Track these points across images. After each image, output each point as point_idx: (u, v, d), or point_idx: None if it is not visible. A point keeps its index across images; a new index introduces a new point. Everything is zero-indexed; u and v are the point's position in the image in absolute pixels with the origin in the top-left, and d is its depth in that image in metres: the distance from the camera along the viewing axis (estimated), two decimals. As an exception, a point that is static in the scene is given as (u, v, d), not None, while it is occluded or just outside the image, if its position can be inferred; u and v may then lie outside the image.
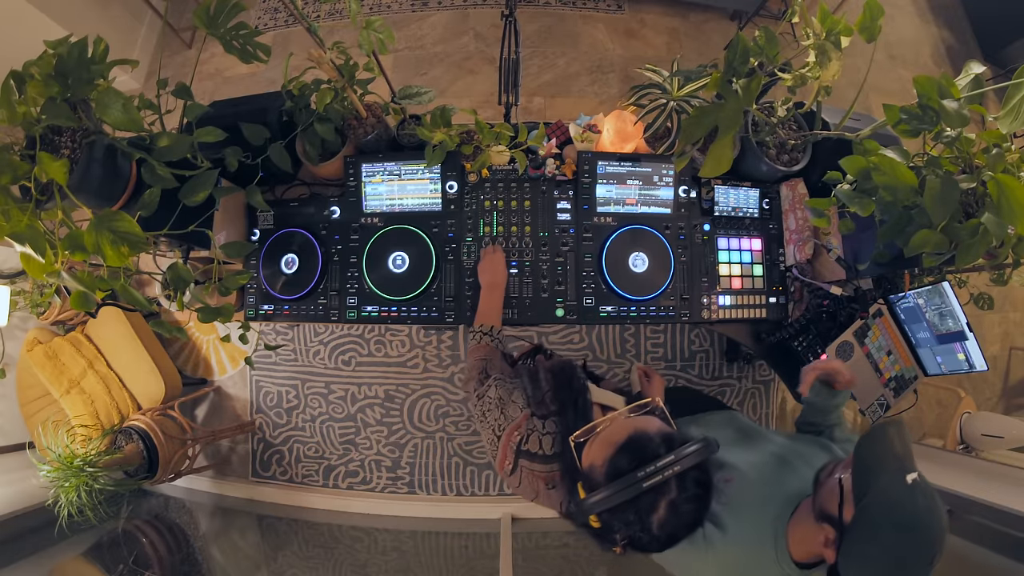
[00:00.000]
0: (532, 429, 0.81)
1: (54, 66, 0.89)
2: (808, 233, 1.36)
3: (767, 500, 0.86)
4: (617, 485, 0.65)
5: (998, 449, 2.21)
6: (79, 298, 0.86)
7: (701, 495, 0.67)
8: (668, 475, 0.64)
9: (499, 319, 1.17)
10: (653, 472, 0.64)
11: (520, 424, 0.83)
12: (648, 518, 0.65)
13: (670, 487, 0.65)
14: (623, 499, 0.65)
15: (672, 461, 0.64)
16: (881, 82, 2.98)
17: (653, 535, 0.66)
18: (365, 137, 1.33)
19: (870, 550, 0.66)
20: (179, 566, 2.00)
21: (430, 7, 2.84)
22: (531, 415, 0.83)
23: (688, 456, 0.65)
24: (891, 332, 1.36)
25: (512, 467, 0.82)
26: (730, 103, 0.94)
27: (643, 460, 0.65)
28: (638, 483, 0.64)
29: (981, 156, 0.94)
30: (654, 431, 0.70)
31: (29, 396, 2.25)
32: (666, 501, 0.64)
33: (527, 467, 0.81)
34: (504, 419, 0.85)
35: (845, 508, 0.71)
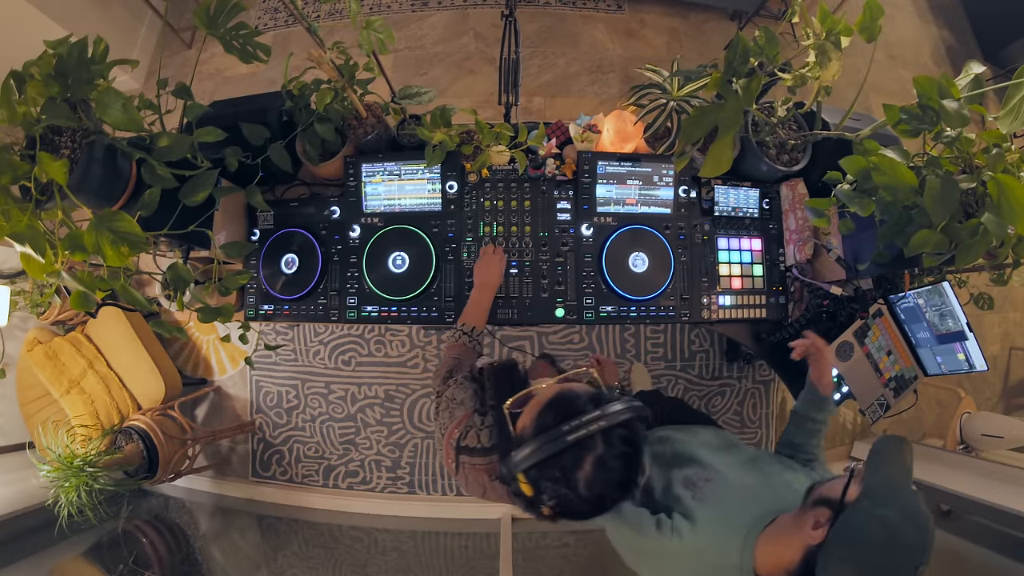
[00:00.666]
0: (471, 426, 0.82)
1: (54, 66, 0.89)
2: (808, 233, 1.36)
3: (744, 506, 0.86)
4: (542, 439, 0.65)
5: (998, 449, 2.21)
6: (79, 298, 0.86)
7: (629, 453, 0.66)
8: (593, 429, 0.64)
9: (483, 321, 1.16)
10: (577, 426, 0.64)
11: (460, 422, 0.84)
12: (574, 474, 0.64)
13: (595, 442, 0.64)
14: (547, 453, 0.64)
15: (597, 416, 0.64)
16: (881, 82, 2.98)
17: (580, 495, 0.65)
18: (365, 137, 1.33)
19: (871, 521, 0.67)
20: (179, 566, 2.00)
21: (430, 7, 2.84)
22: (472, 413, 0.84)
23: (614, 413, 0.65)
24: (891, 332, 1.36)
25: (455, 465, 0.83)
26: (730, 103, 0.94)
27: (568, 415, 0.65)
28: (562, 436, 0.64)
29: (981, 156, 0.94)
30: (581, 390, 0.70)
31: (29, 396, 2.25)
32: (592, 457, 0.64)
33: (468, 462, 0.81)
34: (450, 419, 0.86)
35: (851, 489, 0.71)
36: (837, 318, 1.35)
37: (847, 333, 1.32)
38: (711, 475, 0.93)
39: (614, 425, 0.65)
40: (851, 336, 1.32)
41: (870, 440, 2.53)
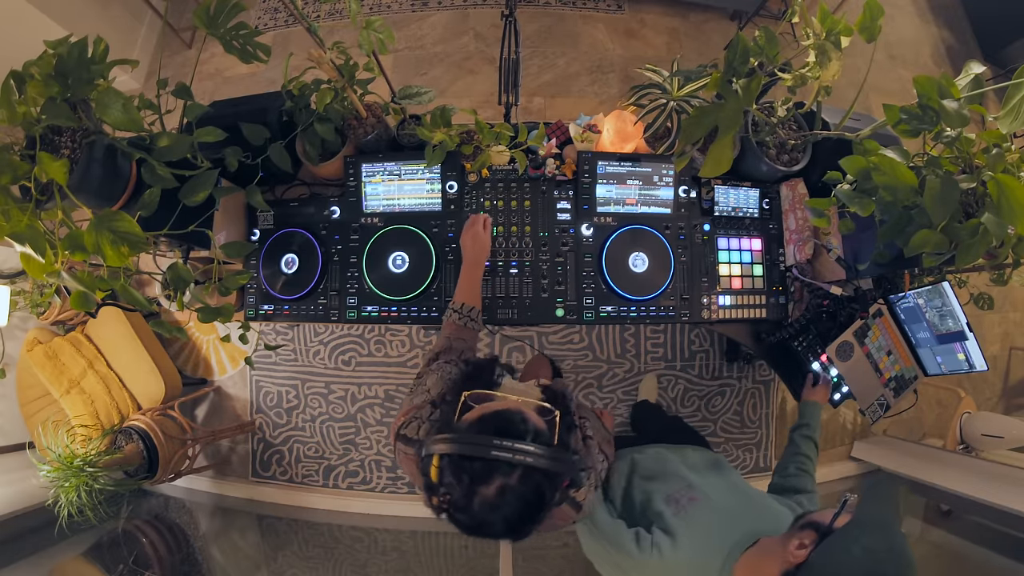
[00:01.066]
0: (417, 416, 0.82)
1: (54, 66, 0.89)
2: (808, 233, 1.36)
3: (726, 526, 0.85)
4: (470, 437, 0.64)
5: (998, 449, 2.22)
6: (79, 298, 0.86)
7: (532, 503, 0.64)
8: (518, 459, 0.62)
9: (477, 298, 1.12)
10: (508, 448, 0.62)
11: (410, 410, 0.84)
12: (475, 488, 0.63)
13: (513, 472, 0.63)
14: (466, 453, 0.63)
15: (531, 452, 0.63)
16: (881, 82, 2.98)
17: (470, 510, 0.63)
18: (365, 137, 1.33)
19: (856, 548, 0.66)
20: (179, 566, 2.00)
21: (430, 7, 2.84)
22: (427, 403, 0.83)
23: (548, 459, 0.64)
24: (891, 332, 1.36)
25: (393, 449, 0.83)
26: (730, 103, 0.94)
27: (507, 433, 0.64)
28: (488, 447, 0.62)
29: (981, 156, 0.94)
30: (534, 422, 0.68)
31: (29, 396, 2.25)
32: (500, 482, 0.62)
33: (402, 450, 0.81)
34: (409, 403, 0.87)
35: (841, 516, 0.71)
36: (837, 318, 1.35)
37: (847, 333, 1.32)
38: (695, 494, 0.92)
39: (537, 468, 0.64)
40: (851, 336, 1.32)
41: (870, 440, 2.53)
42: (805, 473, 1.16)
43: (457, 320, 1.07)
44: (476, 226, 1.19)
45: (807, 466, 1.17)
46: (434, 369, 0.92)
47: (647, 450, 1.12)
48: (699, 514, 0.88)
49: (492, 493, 0.62)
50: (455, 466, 0.64)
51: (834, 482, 2.40)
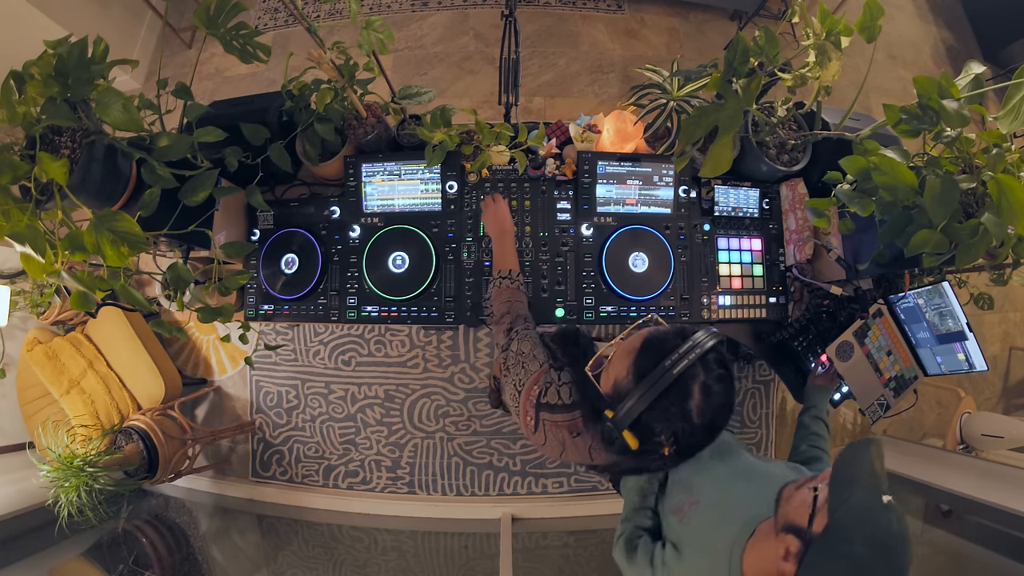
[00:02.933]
0: (550, 382, 0.83)
1: (54, 66, 0.89)
2: (808, 233, 1.36)
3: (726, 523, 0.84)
4: (648, 382, 0.67)
5: (998, 449, 2.21)
6: (79, 298, 0.86)
7: (724, 375, 0.69)
8: (693, 358, 0.66)
9: (516, 263, 1.15)
10: (679, 359, 0.66)
11: (538, 379, 0.85)
12: (686, 406, 0.66)
13: (697, 371, 0.66)
14: (657, 393, 0.66)
15: (691, 346, 0.67)
16: (881, 82, 2.98)
17: (695, 424, 0.67)
18: (365, 137, 1.33)
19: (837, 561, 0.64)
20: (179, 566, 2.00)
21: (430, 7, 2.84)
22: (549, 368, 0.85)
23: (703, 340, 0.68)
24: (891, 332, 1.36)
25: (535, 423, 0.83)
26: (730, 103, 0.94)
27: (664, 353, 0.67)
28: (668, 372, 0.65)
29: (981, 156, 0.94)
30: (663, 330, 0.72)
31: (29, 396, 2.25)
32: (698, 384, 0.66)
33: (549, 419, 0.82)
34: (525, 374, 0.87)
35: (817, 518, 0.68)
36: (837, 318, 1.35)
37: (847, 333, 1.32)
38: (695, 497, 0.92)
39: (706, 351, 0.67)
40: (851, 336, 1.32)
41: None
42: (818, 449, 1.14)
43: (509, 284, 1.09)
44: (491, 207, 1.22)
45: (820, 443, 1.15)
46: (520, 337, 0.93)
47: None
48: (699, 518, 0.88)
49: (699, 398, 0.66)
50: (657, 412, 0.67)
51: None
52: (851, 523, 0.64)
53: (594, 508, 2.35)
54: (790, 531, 0.70)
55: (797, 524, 0.70)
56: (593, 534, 2.29)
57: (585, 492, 2.40)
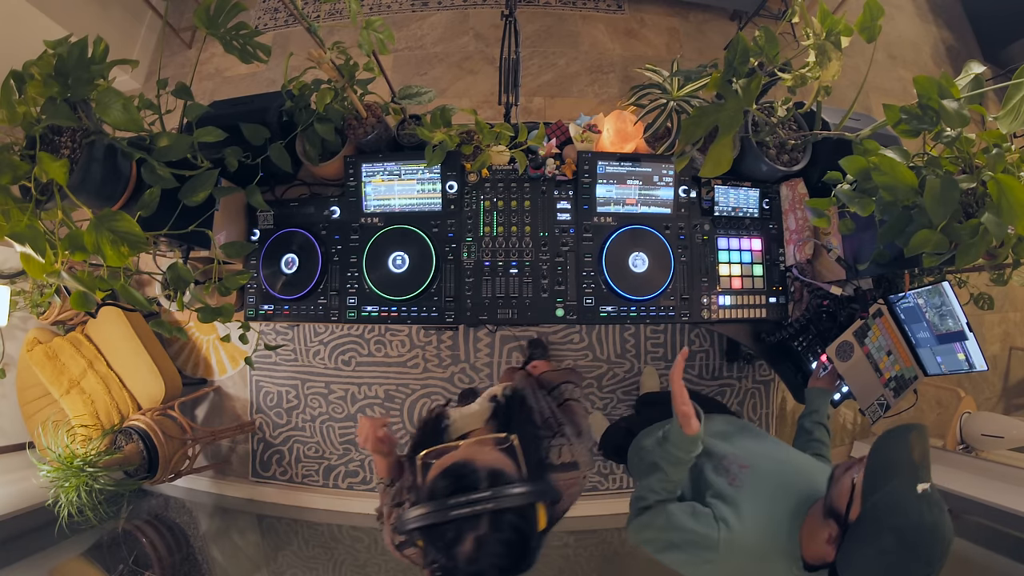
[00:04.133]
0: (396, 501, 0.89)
1: (54, 66, 0.89)
2: (808, 233, 1.36)
3: (785, 493, 0.85)
4: (428, 506, 0.64)
5: (998, 449, 2.22)
6: (79, 298, 0.86)
7: (514, 541, 0.64)
8: (478, 510, 0.62)
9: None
10: (463, 503, 0.63)
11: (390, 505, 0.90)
12: (454, 549, 0.63)
13: (480, 523, 0.63)
14: (431, 521, 0.64)
15: (487, 497, 0.63)
16: (881, 82, 2.98)
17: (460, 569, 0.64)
18: (365, 137, 1.33)
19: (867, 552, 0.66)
20: (179, 566, 2.00)
21: (430, 7, 2.84)
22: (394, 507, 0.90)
23: (507, 497, 0.64)
24: (891, 332, 1.36)
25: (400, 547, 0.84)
26: (730, 103, 0.94)
27: (459, 489, 0.64)
28: (446, 510, 0.63)
29: (981, 156, 0.94)
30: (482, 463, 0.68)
31: (29, 396, 2.25)
32: (473, 536, 0.63)
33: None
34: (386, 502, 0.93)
35: (853, 506, 0.70)
36: (837, 318, 1.35)
37: (847, 333, 1.32)
38: (744, 461, 0.92)
39: (501, 512, 0.64)
40: (851, 336, 1.32)
41: (870, 440, 2.53)
42: (821, 457, 1.15)
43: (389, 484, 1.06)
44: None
45: (822, 450, 1.16)
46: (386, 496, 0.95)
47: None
48: (755, 481, 0.87)
49: (470, 549, 0.63)
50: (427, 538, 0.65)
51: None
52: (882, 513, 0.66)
53: (594, 508, 2.35)
54: (832, 516, 0.73)
55: (837, 509, 0.73)
56: (593, 534, 2.29)
57: (585, 492, 2.39)
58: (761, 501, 0.84)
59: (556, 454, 0.82)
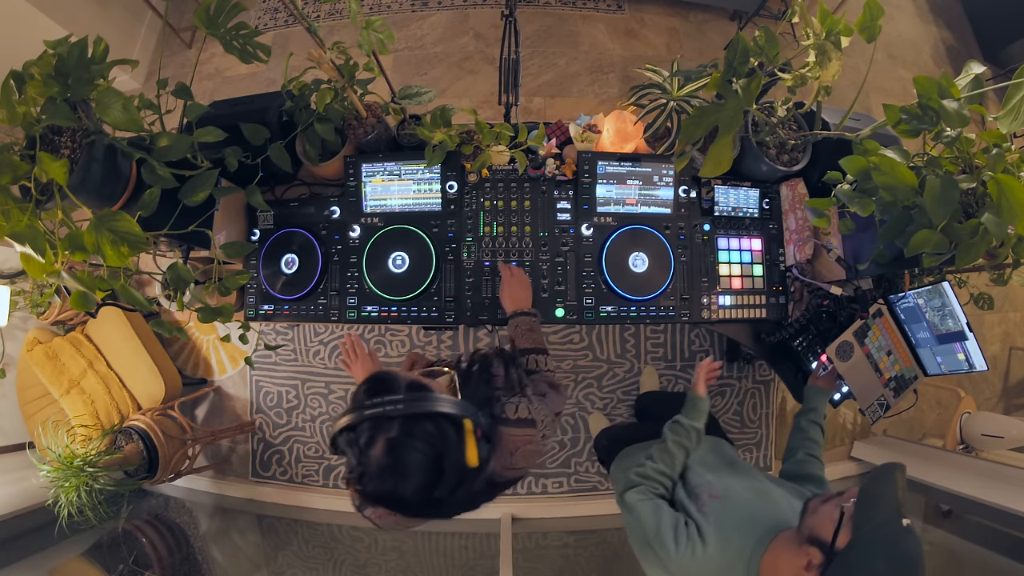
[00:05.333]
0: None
1: (54, 66, 0.89)
2: (808, 233, 1.36)
3: (750, 526, 0.86)
4: (349, 408, 0.65)
5: (998, 449, 2.22)
6: (79, 298, 0.86)
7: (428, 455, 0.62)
8: (390, 410, 0.62)
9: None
10: (377, 403, 0.63)
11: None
12: (366, 453, 0.62)
13: (391, 425, 0.62)
14: (348, 422, 0.64)
15: (399, 399, 0.63)
16: (881, 82, 2.98)
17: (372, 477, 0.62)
18: (365, 137, 1.33)
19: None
20: (179, 566, 2.00)
21: (430, 7, 2.84)
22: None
23: (420, 401, 0.64)
24: (891, 332, 1.36)
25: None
26: (730, 103, 0.94)
27: (376, 392, 0.65)
28: (361, 410, 0.63)
29: (981, 156, 0.94)
30: (406, 376, 0.68)
31: (29, 396, 2.25)
32: (385, 438, 0.62)
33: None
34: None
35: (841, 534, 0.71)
36: (837, 318, 1.35)
37: (847, 333, 1.32)
38: (715, 491, 0.95)
39: (418, 414, 0.63)
40: (851, 336, 1.32)
41: (870, 440, 2.53)
42: (814, 459, 1.16)
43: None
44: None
45: (815, 451, 1.18)
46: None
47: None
48: (721, 513, 0.89)
49: (380, 451, 0.62)
50: (346, 440, 0.64)
51: (835, 482, 2.40)
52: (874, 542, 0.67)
53: (594, 508, 2.35)
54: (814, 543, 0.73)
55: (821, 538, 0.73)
56: (593, 534, 2.29)
57: (585, 492, 2.40)
58: (725, 529, 0.86)
59: (512, 409, 0.80)
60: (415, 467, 0.62)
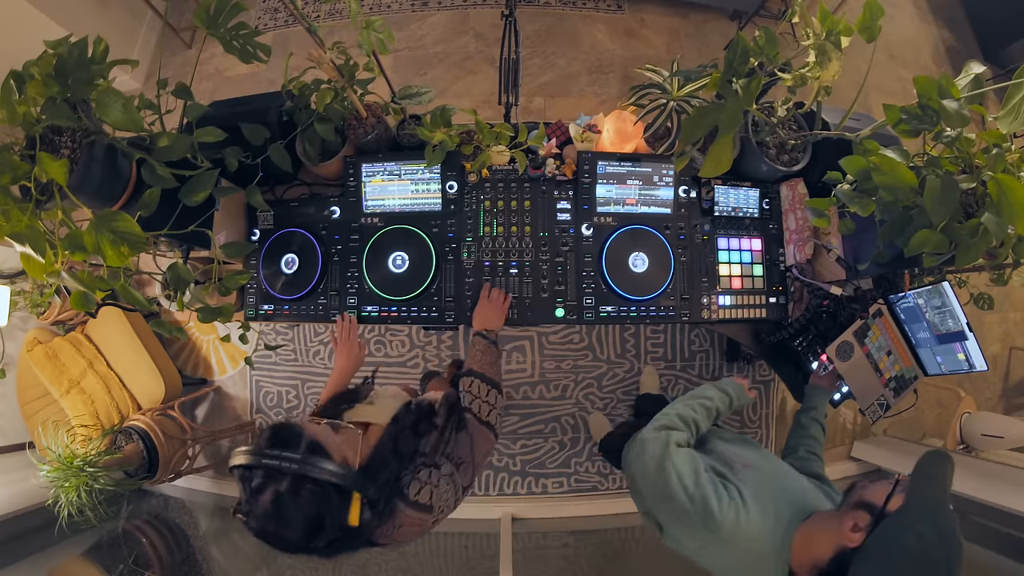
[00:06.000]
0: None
1: (54, 66, 0.89)
2: (808, 233, 1.36)
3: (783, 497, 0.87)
4: (249, 449, 0.68)
5: (998, 449, 2.21)
6: (79, 298, 0.86)
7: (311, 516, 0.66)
8: (284, 467, 0.66)
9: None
10: (274, 456, 0.67)
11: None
12: (257, 497, 0.66)
13: (282, 480, 0.66)
14: (242, 462, 0.68)
15: (295, 459, 0.66)
16: (881, 82, 2.98)
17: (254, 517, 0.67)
18: (365, 137, 1.33)
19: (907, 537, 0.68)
20: (179, 566, 2.00)
21: (430, 7, 2.84)
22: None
23: (314, 467, 0.66)
24: (891, 332, 1.36)
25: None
26: (730, 103, 0.94)
27: (276, 443, 0.68)
28: (259, 456, 0.67)
29: (981, 156, 0.94)
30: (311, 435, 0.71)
31: (29, 396, 2.25)
32: (273, 490, 0.66)
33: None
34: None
35: (894, 499, 0.73)
36: (837, 318, 1.35)
37: (847, 333, 1.32)
38: (748, 461, 0.94)
39: (307, 477, 0.66)
40: (851, 336, 1.32)
41: (870, 440, 2.53)
42: (815, 456, 1.16)
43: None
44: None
45: (816, 449, 1.18)
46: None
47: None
48: (759, 479, 0.89)
49: (268, 500, 0.66)
50: (240, 475, 0.68)
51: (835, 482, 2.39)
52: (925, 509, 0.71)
53: (594, 508, 2.35)
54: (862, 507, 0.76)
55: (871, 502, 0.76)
56: (593, 534, 2.29)
57: (585, 492, 2.40)
58: (762, 501, 0.85)
59: (415, 489, 0.80)
60: (297, 519, 0.66)
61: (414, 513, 0.80)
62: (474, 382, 1.02)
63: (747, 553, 0.82)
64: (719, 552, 0.84)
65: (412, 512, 0.80)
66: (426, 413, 0.91)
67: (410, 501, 0.80)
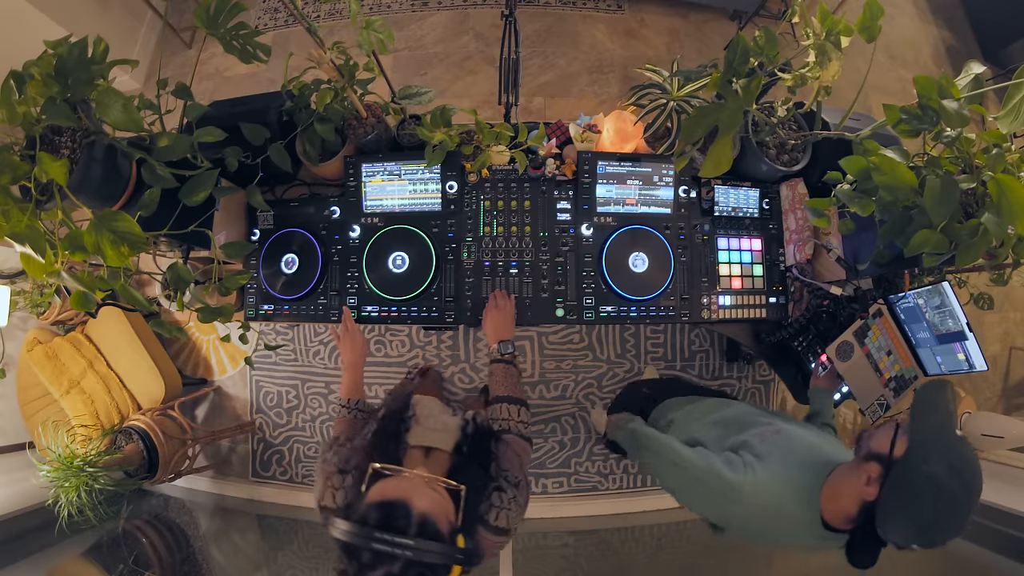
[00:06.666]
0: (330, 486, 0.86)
1: (54, 66, 0.89)
2: (808, 233, 1.36)
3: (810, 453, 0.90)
4: (355, 528, 0.68)
5: (998, 449, 2.21)
6: (79, 298, 0.86)
7: None
8: (398, 553, 0.66)
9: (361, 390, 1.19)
10: (387, 541, 0.67)
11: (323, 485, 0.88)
12: (365, 572, 0.67)
13: (395, 563, 0.67)
14: (351, 542, 0.68)
15: (410, 545, 0.67)
16: (881, 82, 2.98)
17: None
18: (365, 137, 1.33)
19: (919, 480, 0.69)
20: (179, 566, 2.00)
21: (430, 7, 2.84)
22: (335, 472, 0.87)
23: (426, 552, 0.67)
24: (891, 332, 1.36)
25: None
26: (730, 103, 0.94)
27: (387, 526, 0.68)
28: (369, 539, 0.67)
29: (981, 156, 0.94)
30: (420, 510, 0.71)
31: (29, 396, 2.25)
32: (385, 571, 0.67)
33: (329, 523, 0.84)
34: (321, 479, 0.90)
35: (898, 444, 0.74)
36: (837, 318, 1.35)
37: (847, 333, 1.32)
38: (778, 428, 0.98)
39: (417, 562, 0.67)
40: (851, 336, 1.32)
41: (870, 440, 2.53)
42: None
43: (347, 415, 1.11)
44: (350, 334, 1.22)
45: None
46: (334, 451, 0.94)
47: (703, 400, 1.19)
48: (785, 442, 0.92)
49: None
50: (346, 551, 0.69)
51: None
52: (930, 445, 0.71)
53: (594, 508, 2.35)
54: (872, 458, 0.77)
55: (878, 451, 0.77)
56: (593, 534, 2.29)
57: (585, 492, 2.40)
58: (788, 456, 0.89)
59: (495, 515, 0.83)
60: None
61: (495, 538, 0.82)
62: (503, 407, 1.05)
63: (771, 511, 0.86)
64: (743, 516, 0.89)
65: (493, 537, 0.82)
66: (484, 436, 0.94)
67: (491, 527, 0.82)
